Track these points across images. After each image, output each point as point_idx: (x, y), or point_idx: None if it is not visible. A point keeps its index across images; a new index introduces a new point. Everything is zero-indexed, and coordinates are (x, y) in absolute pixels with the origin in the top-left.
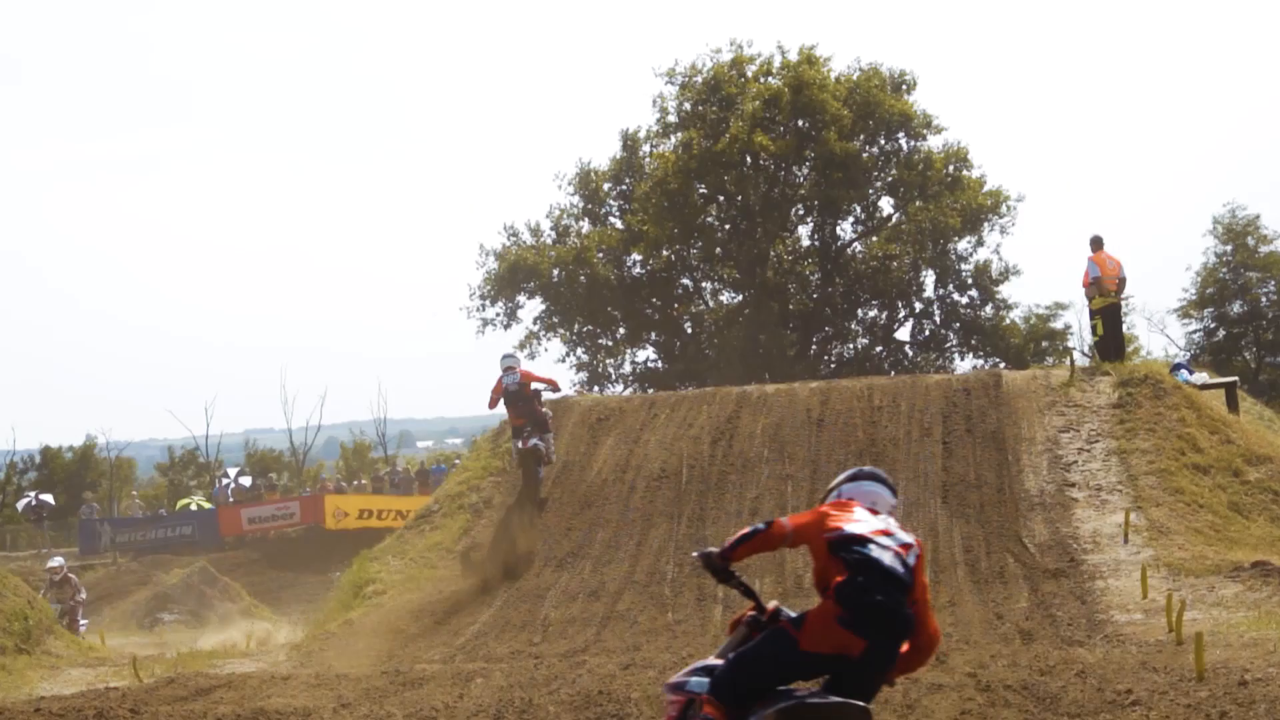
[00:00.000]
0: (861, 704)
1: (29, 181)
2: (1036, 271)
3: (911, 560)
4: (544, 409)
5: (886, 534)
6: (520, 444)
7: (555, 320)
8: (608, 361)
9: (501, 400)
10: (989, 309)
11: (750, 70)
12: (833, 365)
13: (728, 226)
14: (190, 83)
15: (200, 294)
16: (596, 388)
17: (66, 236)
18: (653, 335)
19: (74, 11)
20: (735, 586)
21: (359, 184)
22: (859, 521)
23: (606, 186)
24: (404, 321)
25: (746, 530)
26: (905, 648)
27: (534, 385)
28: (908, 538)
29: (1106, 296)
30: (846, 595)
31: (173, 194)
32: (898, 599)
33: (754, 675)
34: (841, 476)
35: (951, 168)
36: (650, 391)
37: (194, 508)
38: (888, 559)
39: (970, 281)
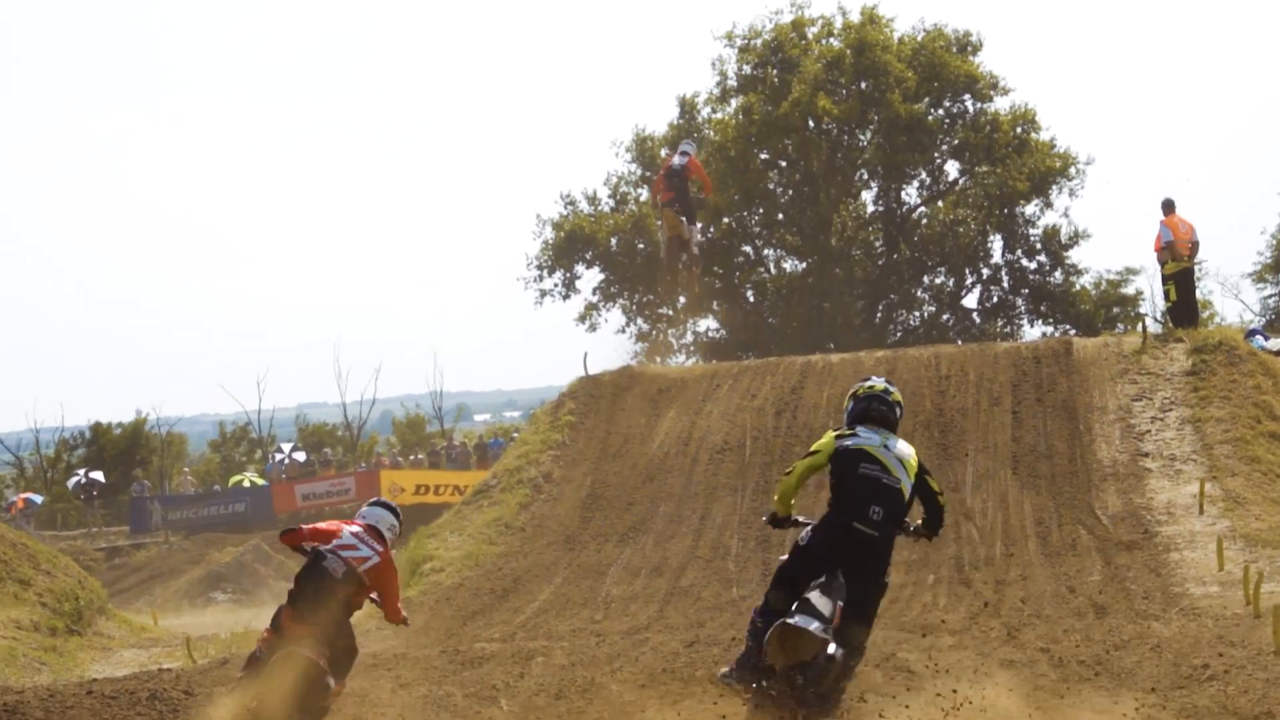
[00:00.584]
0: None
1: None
2: (1107, 236)
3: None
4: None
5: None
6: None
7: (614, 290)
8: (669, 331)
9: (660, 176)
10: (1058, 274)
11: (811, 32)
12: (899, 334)
13: (790, 192)
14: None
15: (252, 266)
16: (658, 359)
17: (116, 210)
18: (714, 304)
19: None
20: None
21: (414, 152)
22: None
23: (664, 153)
24: (460, 293)
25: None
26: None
27: (694, 177)
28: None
29: (1179, 261)
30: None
31: (224, 165)
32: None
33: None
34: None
35: (1019, 130)
36: (712, 362)
37: (247, 484)
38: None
39: (1039, 246)
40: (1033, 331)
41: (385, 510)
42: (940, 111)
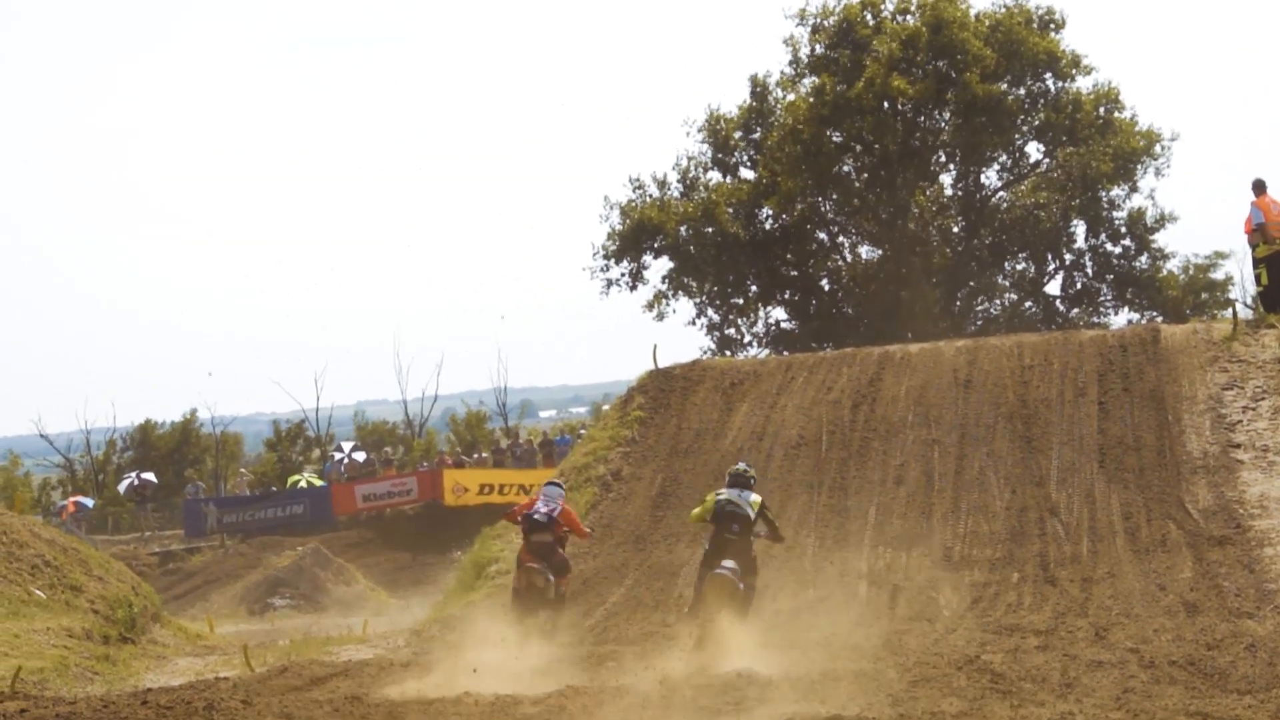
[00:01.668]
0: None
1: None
2: (1195, 218)
3: None
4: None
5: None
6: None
7: (685, 280)
8: (740, 322)
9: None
10: (1144, 259)
11: (886, 9)
12: (979, 322)
13: (865, 176)
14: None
15: (307, 259)
16: (728, 351)
17: (166, 206)
18: (787, 294)
19: None
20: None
21: (476, 137)
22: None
23: (737, 135)
24: (524, 284)
25: None
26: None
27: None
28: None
29: (1271, 244)
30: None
31: (276, 157)
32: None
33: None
34: None
35: (1102, 110)
36: (785, 354)
37: (304, 485)
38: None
39: (1124, 230)
40: (1118, 319)
41: (555, 487)
42: (1020, 91)
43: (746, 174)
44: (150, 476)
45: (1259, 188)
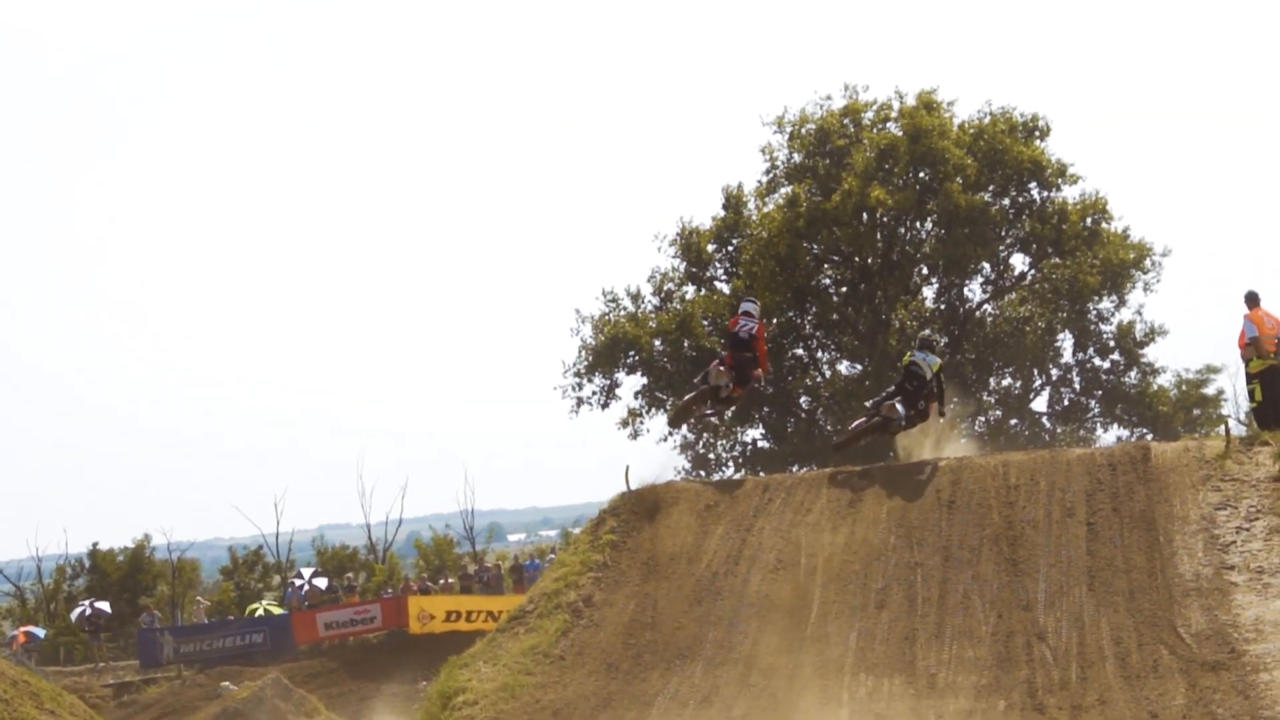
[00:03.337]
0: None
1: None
2: (1186, 332)
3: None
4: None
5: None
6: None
7: (659, 395)
8: (718, 443)
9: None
10: (1134, 374)
11: (866, 118)
12: (963, 440)
13: (844, 290)
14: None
15: (267, 379)
16: (703, 471)
17: (118, 319)
18: (764, 410)
19: None
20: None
21: (442, 250)
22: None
23: (710, 248)
24: (492, 404)
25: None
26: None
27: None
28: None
29: (1265, 358)
30: None
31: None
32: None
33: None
34: None
35: (1089, 220)
36: (762, 474)
37: (263, 613)
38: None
39: (1112, 344)
40: (1107, 436)
41: (750, 303)
42: (1004, 201)
43: (723, 287)
44: (104, 605)
45: (1252, 300)
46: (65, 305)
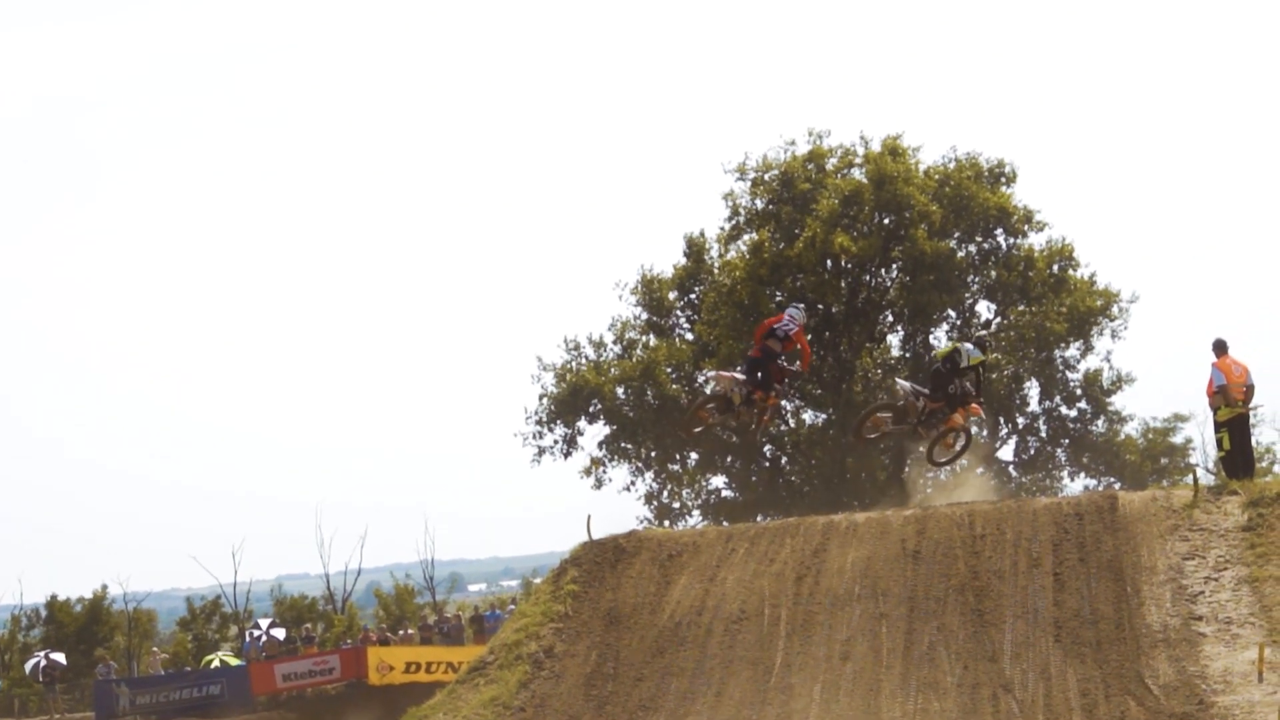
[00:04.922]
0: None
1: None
2: (1153, 380)
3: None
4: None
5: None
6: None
7: (622, 444)
8: (683, 492)
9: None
10: (1101, 423)
11: (830, 163)
12: (928, 490)
13: (809, 338)
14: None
15: (224, 427)
16: (666, 521)
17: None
18: (728, 459)
19: None
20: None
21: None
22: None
23: (672, 296)
24: (452, 452)
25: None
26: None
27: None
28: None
29: (1233, 406)
30: None
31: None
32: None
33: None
34: None
35: (1056, 267)
36: (726, 524)
37: (220, 664)
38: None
39: (1079, 393)
40: (1074, 485)
41: (797, 310)
42: (970, 248)
43: (686, 334)
44: (59, 656)
45: (1220, 348)
46: (16, 349)
